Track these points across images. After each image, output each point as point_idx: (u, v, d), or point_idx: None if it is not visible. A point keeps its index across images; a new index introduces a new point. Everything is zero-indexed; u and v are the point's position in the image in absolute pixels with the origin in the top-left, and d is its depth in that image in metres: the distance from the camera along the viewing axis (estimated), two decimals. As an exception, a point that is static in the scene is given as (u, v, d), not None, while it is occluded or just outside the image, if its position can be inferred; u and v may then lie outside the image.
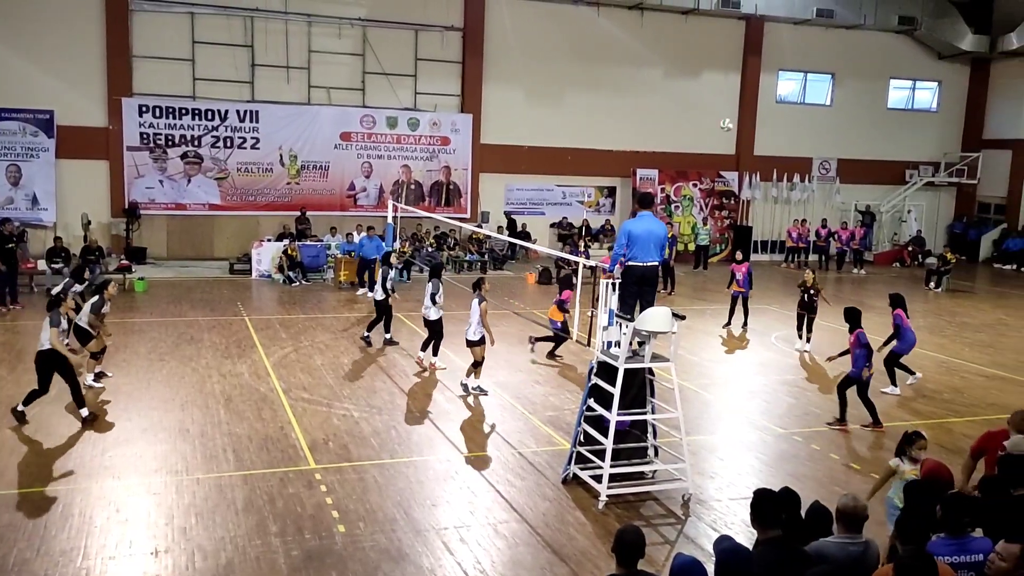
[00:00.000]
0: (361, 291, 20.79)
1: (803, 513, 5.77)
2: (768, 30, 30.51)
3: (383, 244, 20.57)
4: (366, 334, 15.57)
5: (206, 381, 12.87)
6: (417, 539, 7.93)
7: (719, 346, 16.85)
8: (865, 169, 32.34)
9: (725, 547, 5.22)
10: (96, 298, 12.34)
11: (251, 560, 7.40)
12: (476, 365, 12.62)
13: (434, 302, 13.47)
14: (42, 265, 20.32)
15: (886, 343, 13.24)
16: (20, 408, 10.72)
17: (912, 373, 13.99)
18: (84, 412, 10.75)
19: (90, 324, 12.16)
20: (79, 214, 23.19)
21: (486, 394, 12.60)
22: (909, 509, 5.78)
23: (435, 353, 13.88)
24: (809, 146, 31.79)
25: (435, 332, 13.74)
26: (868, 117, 32.40)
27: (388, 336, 15.52)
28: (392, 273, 15.77)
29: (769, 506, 5.19)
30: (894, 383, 13.54)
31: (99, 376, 12.55)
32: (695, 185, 30.37)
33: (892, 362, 13.35)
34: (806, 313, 16.18)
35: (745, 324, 17.81)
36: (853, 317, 11.91)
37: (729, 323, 18.02)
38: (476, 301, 12.46)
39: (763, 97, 31.03)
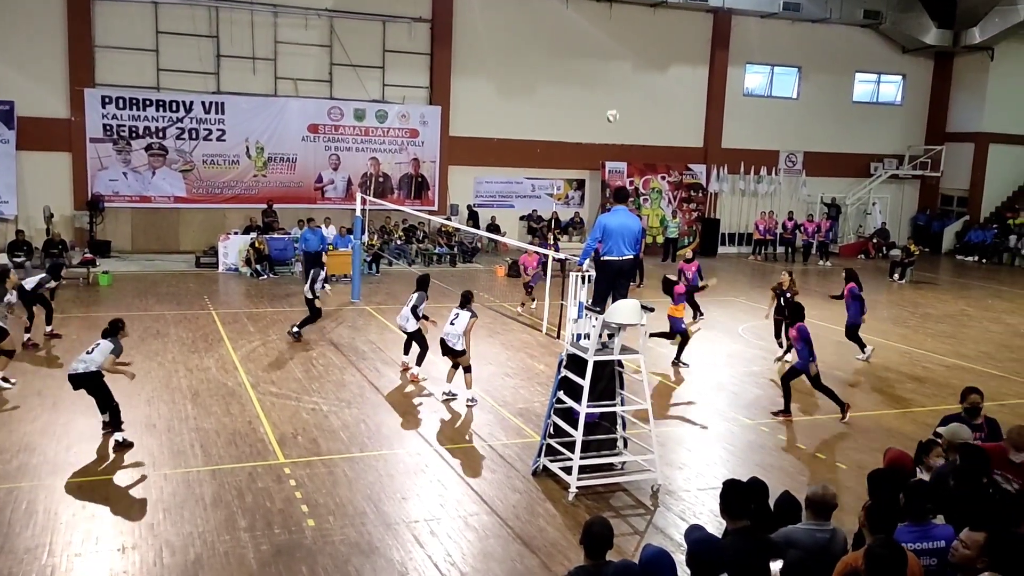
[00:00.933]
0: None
1: (772, 503, 5.85)
2: (736, 23, 30.72)
3: (326, 237, 20.50)
4: (295, 330, 15.25)
5: (172, 376, 12.74)
6: (387, 532, 7.93)
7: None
8: (831, 162, 32.72)
9: (696, 537, 5.28)
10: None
11: (220, 555, 7.35)
12: (467, 371, 11.93)
13: (415, 315, 12.87)
14: (3, 259, 19.93)
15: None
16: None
17: (863, 348, 15.11)
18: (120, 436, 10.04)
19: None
20: (41, 207, 22.77)
21: (476, 403, 11.96)
22: (875, 498, 5.88)
23: (419, 363, 13.19)
24: (776, 139, 32.09)
25: (419, 342, 13.12)
26: (834, 110, 32.77)
27: (296, 330, 15.18)
28: (322, 274, 15.25)
29: (738, 496, 5.26)
30: (863, 348, 14.94)
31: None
32: (663, 178, 30.53)
33: (852, 334, 14.68)
34: (783, 319, 14.46)
35: (696, 316, 17.39)
36: (796, 312, 12.09)
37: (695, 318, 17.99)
38: (467, 315, 11.81)
39: (730, 90, 31.25)
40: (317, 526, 7.97)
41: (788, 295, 14.72)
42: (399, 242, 25.47)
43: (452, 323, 11.86)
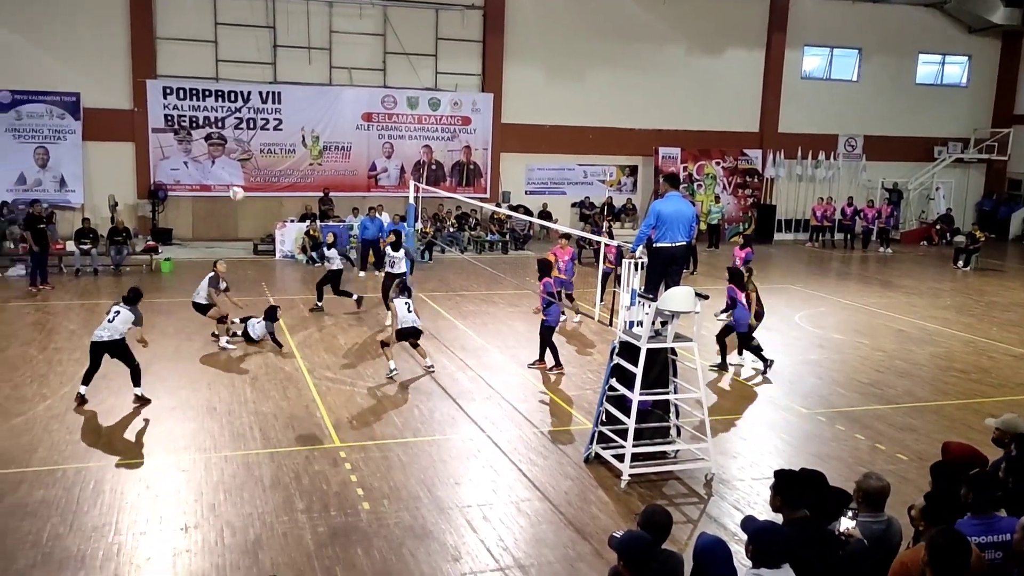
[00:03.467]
0: (362, 273, 20.90)
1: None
2: (794, 5, 30.07)
3: (384, 225, 20.77)
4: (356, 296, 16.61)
5: (232, 360, 13.03)
6: (441, 517, 8.02)
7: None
8: (892, 146, 31.88)
9: (758, 525, 5.22)
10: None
11: (278, 536, 7.51)
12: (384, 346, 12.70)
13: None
14: (70, 246, 20.54)
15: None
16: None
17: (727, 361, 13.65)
18: (139, 390, 10.90)
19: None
20: (106, 196, 23.44)
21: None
22: (935, 491, 5.76)
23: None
24: (835, 123, 31.37)
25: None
26: (896, 93, 31.89)
27: (319, 304, 16.53)
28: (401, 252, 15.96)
29: (795, 486, 5.19)
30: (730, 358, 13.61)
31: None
32: (718, 163, 30.13)
33: (736, 339, 13.58)
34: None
35: None
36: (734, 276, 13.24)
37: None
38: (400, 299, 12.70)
39: (788, 73, 30.62)
40: (372, 509, 8.09)
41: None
42: (451, 230, 25.59)
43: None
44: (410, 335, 12.42)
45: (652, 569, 4.67)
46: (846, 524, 5.04)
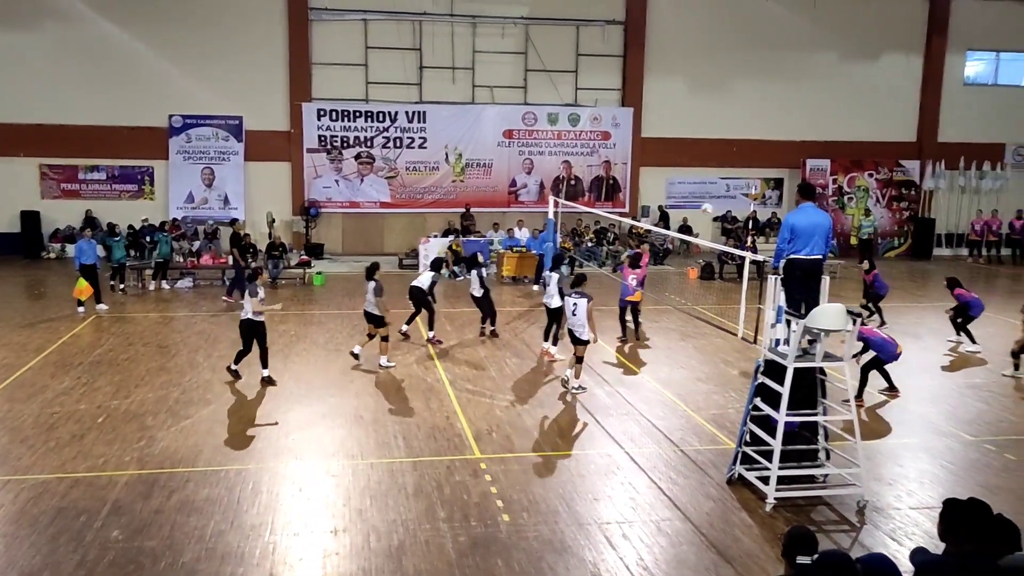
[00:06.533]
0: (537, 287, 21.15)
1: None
2: (955, 7, 28.47)
3: (542, 237, 20.86)
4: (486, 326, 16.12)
5: (378, 371, 13.49)
6: (579, 532, 8.00)
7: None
8: (1068, 154, 29.56)
9: (924, 559, 4.94)
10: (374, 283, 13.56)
11: (421, 543, 7.71)
12: (579, 361, 12.40)
13: (560, 293, 13.89)
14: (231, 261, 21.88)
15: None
16: (234, 367, 12.65)
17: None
18: (265, 372, 12.39)
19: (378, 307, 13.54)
20: (264, 213, 24.87)
21: (584, 391, 12.44)
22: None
23: (555, 342, 14.29)
24: (1003, 131, 29.41)
25: (556, 320, 14.16)
26: (1073, 97, 29.57)
27: (485, 327, 16.06)
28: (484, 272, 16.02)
29: (960, 517, 4.87)
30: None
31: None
32: (870, 175, 28.77)
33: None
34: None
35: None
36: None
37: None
38: (585, 301, 12.21)
39: (948, 79, 29.00)
40: (512, 521, 8.17)
41: None
42: (590, 244, 25.59)
43: (573, 313, 12.30)
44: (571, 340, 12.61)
45: None
46: None
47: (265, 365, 12.56)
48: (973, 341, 15.46)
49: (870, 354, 12.31)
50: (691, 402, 12.11)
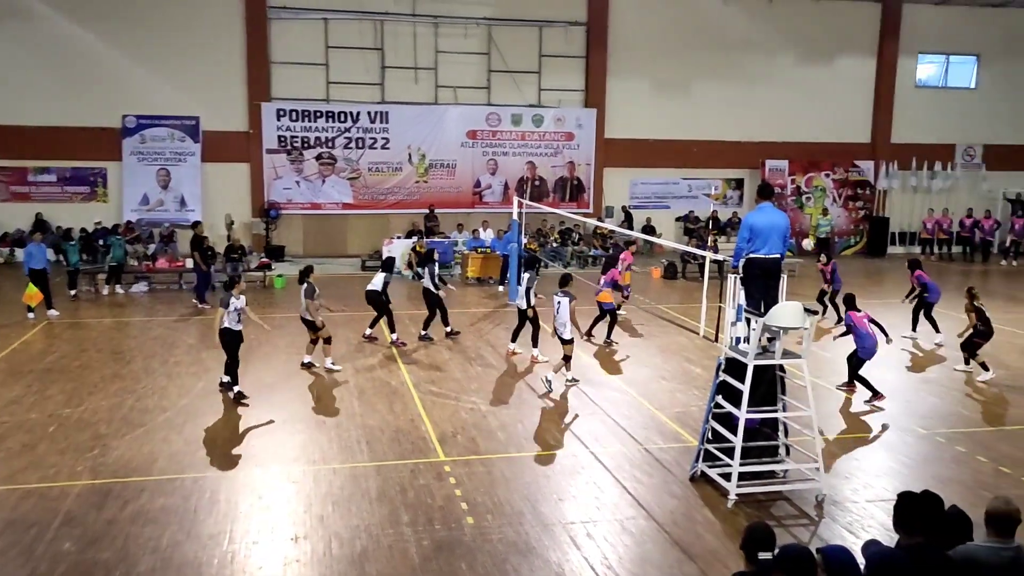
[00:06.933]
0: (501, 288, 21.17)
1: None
2: (907, 11, 29.01)
3: (507, 238, 20.86)
4: (447, 330, 15.91)
5: (340, 374, 13.36)
6: (544, 533, 7.99)
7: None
8: (1015, 154, 30.28)
9: (876, 551, 5.01)
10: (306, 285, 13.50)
11: (384, 548, 7.64)
12: (567, 359, 12.71)
13: (528, 294, 13.92)
14: (190, 264, 21.54)
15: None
16: (226, 379, 12.12)
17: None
18: (235, 389, 11.84)
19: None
20: (223, 215, 24.53)
21: (577, 382, 12.83)
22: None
23: (535, 344, 14.25)
24: (952, 132, 30.04)
25: (532, 322, 14.12)
26: (1018, 99, 30.27)
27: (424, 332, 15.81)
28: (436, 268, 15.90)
29: (914, 510, 4.95)
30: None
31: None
32: (827, 175, 29.21)
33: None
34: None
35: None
36: (847, 301, 12.67)
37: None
38: (567, 300, 12.61)
39: (901, 82, 29.55)
40: (476, 524, 8.13)
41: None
42: (555, 244, 25.64)
43: (557, 312, 12.63)
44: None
45: None
46: None
47: (235, 382, 12.09)
48: (937, 330, 15.71)
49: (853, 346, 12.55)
50: (655, 401, 12.17)
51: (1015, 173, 30.36)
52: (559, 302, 12.64)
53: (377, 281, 15.30)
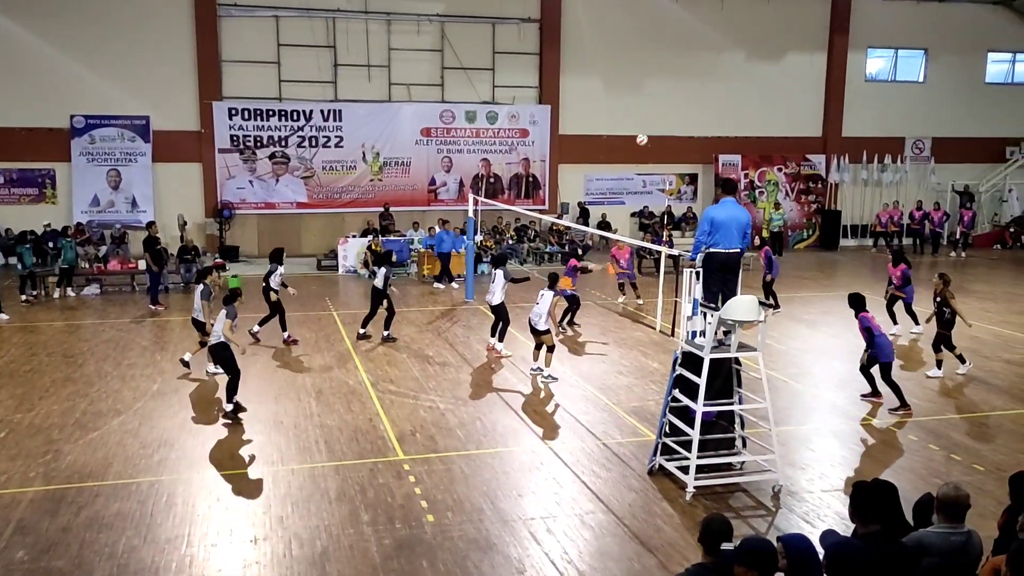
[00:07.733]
0: (439, 285, 21.13)
1: (912, 506, 5.61)
2: (856, 7, 29.53)
3: (463, 238, 20.80)
4: (384, 331, 15.55)
5: (297, 374, 13.25)
6: (504, 529, 8.01)
7: (807, 334, 16.44)
8: (962, 147, 31.00)
9: (833, 541, 5.13)
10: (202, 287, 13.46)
11: (345, 548, 7.60)
12: (550, 351, 12.94)
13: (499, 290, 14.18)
14: (142, 265, 21.16)
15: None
16: (229, 407, 11.16)
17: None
18: (228, 407, 11.16)
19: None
20: (175, 215, 24.13)
21: (556, 380, 12.91)
22: (1017, 501, 5.57)
23: (500, 339, 14.37)
24: (901, 125, 30.66)
25: (503, 317, 14.30)
26: (964, 93, 31.02)
27: (386, 333, 15.49)
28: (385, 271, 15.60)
29: (869, 499, 5.07)
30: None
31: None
32: (780, 170, 29.65)
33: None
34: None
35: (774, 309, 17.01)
36: (856, 303, 11.93)
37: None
38: (551, 294, 13.01)
39: (851, 76, 30.06)
40: (436, 522, 8.13)
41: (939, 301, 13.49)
42: (511, 241, 25.67)
43: (537, 303, 12.90)
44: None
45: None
46: None
47: (228, 394, 11.27)
48: (916, 322, 15.89)
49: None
50: (612, 395, 12.27)
51: (963, 165, 31.10)
52: (542, 293, 12.97)
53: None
